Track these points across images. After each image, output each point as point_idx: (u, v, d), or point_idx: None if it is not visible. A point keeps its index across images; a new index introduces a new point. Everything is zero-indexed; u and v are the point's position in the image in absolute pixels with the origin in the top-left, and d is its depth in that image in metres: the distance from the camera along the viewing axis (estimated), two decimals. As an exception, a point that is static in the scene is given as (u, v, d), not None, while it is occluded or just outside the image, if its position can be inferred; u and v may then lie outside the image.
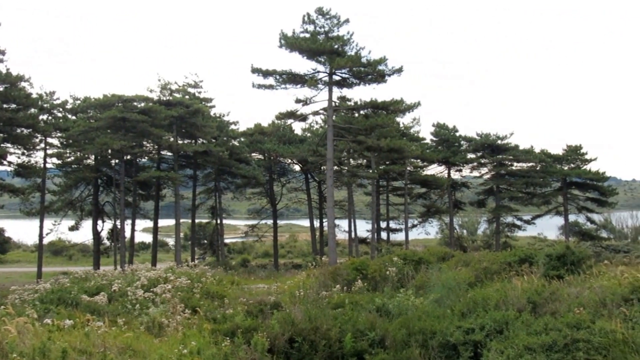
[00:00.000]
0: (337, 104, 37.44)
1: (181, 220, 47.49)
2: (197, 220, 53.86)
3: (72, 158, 42.40)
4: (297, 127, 75.55)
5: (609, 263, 18.31)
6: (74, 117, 41.48)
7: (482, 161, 53.95)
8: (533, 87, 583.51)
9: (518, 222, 57.07)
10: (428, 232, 58.28)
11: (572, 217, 56.30)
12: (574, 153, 54.19)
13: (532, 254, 18.48)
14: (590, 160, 54.21)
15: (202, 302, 15.63)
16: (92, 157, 42.71)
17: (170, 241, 65.99)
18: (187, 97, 44.61)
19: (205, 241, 57.80)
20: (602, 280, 14.22)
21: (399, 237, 55.86)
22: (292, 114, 38.50)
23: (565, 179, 53.82)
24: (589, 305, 11.50)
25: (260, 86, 36.16)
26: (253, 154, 50.81)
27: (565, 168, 53.80)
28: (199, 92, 47.52)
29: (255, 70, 35.63)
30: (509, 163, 53.61)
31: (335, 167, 42.94)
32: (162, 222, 54.11)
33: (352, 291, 16.69)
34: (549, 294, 12.58)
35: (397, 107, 37.17)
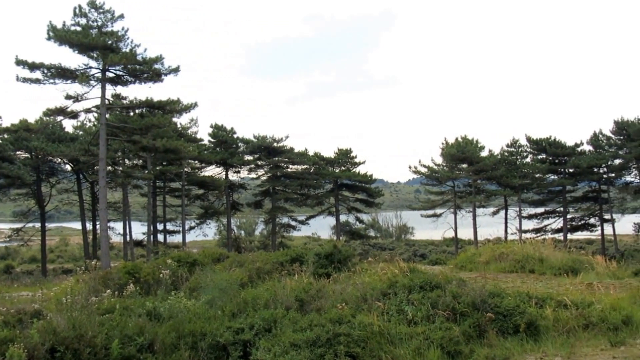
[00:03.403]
0: (110, 101, 36.06)
1: None
2: (-49, 225, 49.06)
3: None
4: (68, 125, 71.67)
5: (372, 260, 19.53)
6: None
7: (259, 163, 55.10)
8: (311, 91, 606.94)
9: (293, 223, 58.97)
10: (206, 233, 58.22)
11: (343, 217, 59.37)
12: (345, 156, 57.28)
13: (303, 254, 19.18)
14: (359, 164, 57.69)
15: (-47, 314, 14.22)
16: None
17: None
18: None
19: (-38, 247, 52.88)
20: (365, 277, 15.15)
21: (177, 238, 55.17)
22: (62, 111, 36.41)
23: (337, 180, 56.65)
24: (351, 301, 12.17)
25: (25, 80, 33.66)
26: (18, 152, 47.19)
27: (337, 170, 56.62)
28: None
29: (20, 63, 33.11)
30: (285, 165, 55.30)
31: (109, 167, 41.36)
32: None
33: (123, 296, 16.14)
34: (315, 291, 13.12)
35: (173, 107, 36.75)
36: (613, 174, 56.36)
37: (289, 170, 55.57)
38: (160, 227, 52.62)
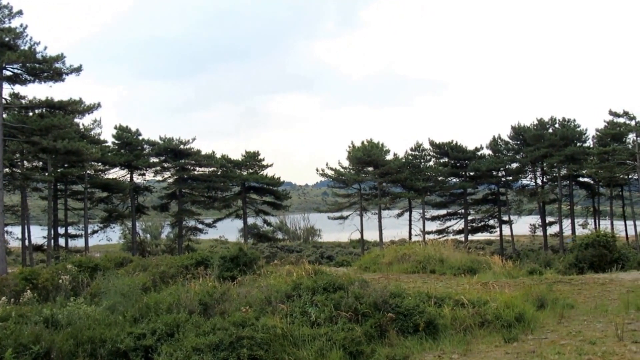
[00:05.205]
0: (8, 101, 34.68)
1: None
2: None
3: None
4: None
5: (279, 263, 19.66)
6: None
7: (165, 165, 54.24)
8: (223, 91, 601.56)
9: (200, 226, 58.35)
10: (110, 237, 56.71)
11: (250, 220, 59.26)
12: (252, 159, 57.16)
13: (209, 257, 19.13)
14: (267, 166, 57.69)
15: None
16: None
17: None
18: None
19: None
20: (270, 280, 15.25)
21: (79, 243, 53.48)
22: (-46, 110, 34.76)
23: (244, 183, 56.50)
24: (255, 304, 12.21)
25: None
26: None
27: (245, 173, 56.45)
28: None
29: None
30: (192, 168, 54.69)
31: (7, 170, 39.72)
32: None
33: (20, 303, 15.61)
34: (220, 294, 13.08)
35: (75, 108, 35.65)
36: (511, 177, 58.98)
37: (195, 172, 54.93)
38: (61, 231, 50.92)
